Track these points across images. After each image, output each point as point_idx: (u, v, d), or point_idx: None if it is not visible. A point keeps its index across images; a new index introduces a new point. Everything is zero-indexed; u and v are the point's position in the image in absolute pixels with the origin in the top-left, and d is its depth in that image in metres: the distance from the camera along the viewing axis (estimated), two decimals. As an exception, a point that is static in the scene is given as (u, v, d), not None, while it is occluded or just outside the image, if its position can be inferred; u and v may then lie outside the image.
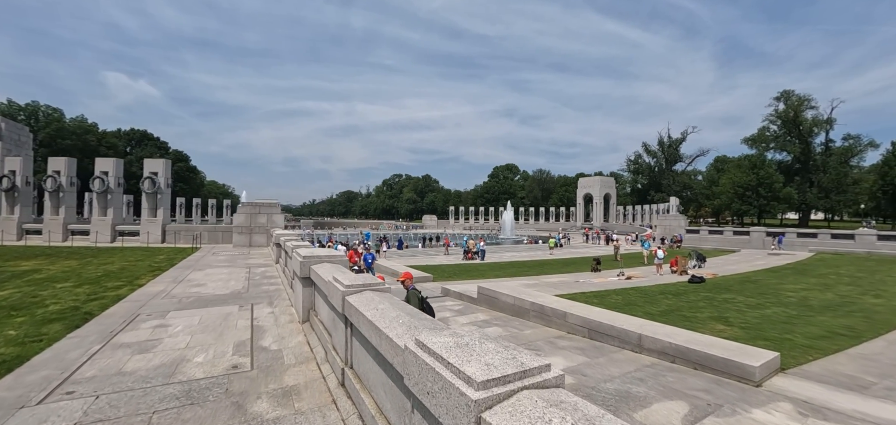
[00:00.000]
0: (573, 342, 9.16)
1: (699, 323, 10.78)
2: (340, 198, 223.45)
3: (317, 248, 10.97)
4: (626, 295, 14.69)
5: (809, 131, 73.93)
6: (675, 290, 15.56)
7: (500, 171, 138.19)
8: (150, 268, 15.94)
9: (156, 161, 30.32)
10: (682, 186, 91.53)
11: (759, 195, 65.28)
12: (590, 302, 12.48)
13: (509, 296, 12.03)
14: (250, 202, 28.25)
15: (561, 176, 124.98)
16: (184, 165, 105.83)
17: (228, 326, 8.26)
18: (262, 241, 27.22)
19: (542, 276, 21.54)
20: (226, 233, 28.71)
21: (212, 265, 17.54)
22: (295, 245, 11.00)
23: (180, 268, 16.55)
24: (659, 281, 19.02)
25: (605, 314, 9.85)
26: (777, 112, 78.13)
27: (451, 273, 21.78)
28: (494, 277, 20.67)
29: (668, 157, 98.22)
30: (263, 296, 11.23)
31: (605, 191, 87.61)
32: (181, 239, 27.44)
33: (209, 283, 13.05)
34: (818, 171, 71.60)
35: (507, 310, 11.93)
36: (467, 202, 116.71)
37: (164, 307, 10.18)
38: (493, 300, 12.54)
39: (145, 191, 28.16)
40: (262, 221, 27.53)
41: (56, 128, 76.66)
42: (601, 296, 14.29)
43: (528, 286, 16.37)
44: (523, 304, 11.46)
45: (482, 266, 25.62)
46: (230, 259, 19.78)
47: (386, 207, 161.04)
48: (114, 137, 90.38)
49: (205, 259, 19.60)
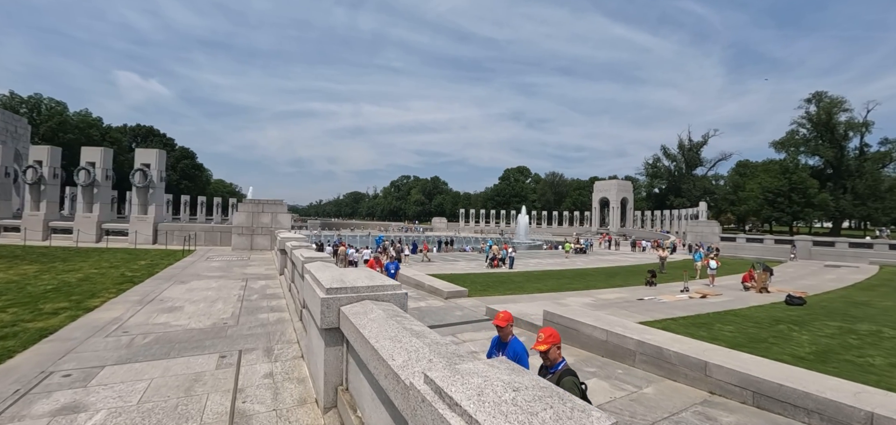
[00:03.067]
0: (733, 415, 5.91)
1: None
2: (347, 199, 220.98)
3: (338, 267, 7.85)
4: (733, 322, 11.39)
5: (844, 135, 69.98)
6: (788, 317, 12.23)
7: (510, 174, 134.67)
8: (119, 280, 12.86)
9: (148, 151, 27.04)
10: (703, 191, 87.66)
11: (792, 201, 61.37)
12: (696, 335, 9.23)
13: (598, 327, 8.80)
14: (253, 200, 25.14)
15: (574, 179, 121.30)
16: (189, 162, 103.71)
17: (192, 410, 4.74)
18: (265, 244, 24.10)
19: (592, 291, 18.27)
20: (224, 234, 25.56)
21: (200, 275, 14.39)
22: (307, 258, 7.57)
23: (159, 279, 13.35)
24: (743, 300, 15.65)
25: (771, 368, 6.58)
26: (808, 114, 74.24)
27: (483, 285, 18.57)
28: (536, 291, 17.45)
29: (689, 161, 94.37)
30: (259, 334, 7.81)
31: (622, 195, 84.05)
32: (174, 239, 24.27)
33: (187, 307, 9.70)
34: (852, 177, 67.56)
35: (596, 349, 8.69)
36: (477, 204, 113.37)
37: (99, 356, 6.52)
38: (572, 332, 9.30)
39: (136, 184, 24.85)
40: (265, 221, 24.42)
41: (58, 121, 74.58)
42: (700, 325, 11.01)
43: (594, 307, 13.12)
44: (624, 342, 8.22)
45: (515, 276, 22.37)
46: (225, 266, 16.61)
47: (393, 209, 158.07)
48: (118, 132, 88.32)
49: (194, 266, 16.42)
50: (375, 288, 3.88)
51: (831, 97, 70.91)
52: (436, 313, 12.10)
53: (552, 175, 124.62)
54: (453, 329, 10.37)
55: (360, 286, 3.82)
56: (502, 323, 4.51)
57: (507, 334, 4.56)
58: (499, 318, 4.54)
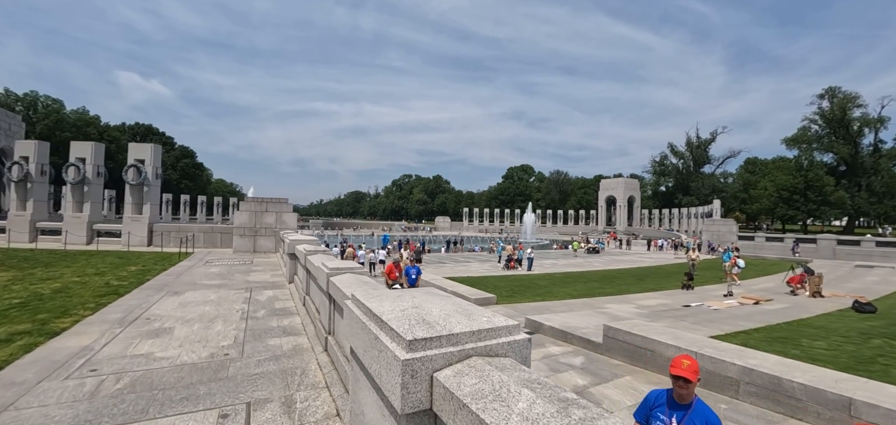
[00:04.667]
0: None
1: None
2: (348, 199, 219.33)
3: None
4: (817, 336, 9.77)
5: (858, 131, 68.24)
6: (873, 329, 10.65)
7: (514, 172, 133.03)
8: (102, 291, 10.97)
9: (142, 146, 25.27)
10: (712, 189, 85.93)
11: (808, 199, 59.68)
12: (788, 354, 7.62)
13: (682, 350, 7.18)
14: (255, 198, 23.44)
15: (579, 177, 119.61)
16: (190, 162, 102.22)
17: None
18: (269, 246, 22.44)
19: (629, 296, 16.71)
20: (225, 236, 23.82)
21: (197, 283, 12.56)
22: (332, 269, 5.76)
23: (149, 289, 11.44)
24: (804, 307, 14.03)
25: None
26: (821, 110, 72.48)
27: (507, 290, 16.99)
28: (567, 297, 15.87)
29: (697, 159, 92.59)
30: (272, 373, 5.76)
31: (629, 193, 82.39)
32: (171, 241, 22.47)
33: (178, 329, 7.74)
34: (868, 174, 65.84)
35: (683, 377, 7.06)
36: (481, 203, 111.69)
37: (44, 419, 4.23)
38: (645, 353, 7.71)
39: (129, 182, 23.09)
40: (269, 221, 22.76)
41: (55, 119, 72.98)
42: (782, 339, 9.40)
43: (646, 317, 11.51)
44: (722, 368, 6.62)
45: (538, 279, 20.79)
46: (225, 272, 14.94)
47: (395, 208, 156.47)
48: (116, 131, 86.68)
49: (191, 272, 14.73)
50: (482, 333, 2.28)
51: (845, 93, 69.15)
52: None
53: (557, 173, 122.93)
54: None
55: (457, 332, 2.22)
56: (691, 376, 2.87)
57: (692, 392, 2.95)
58: (683, 367, 2.89)
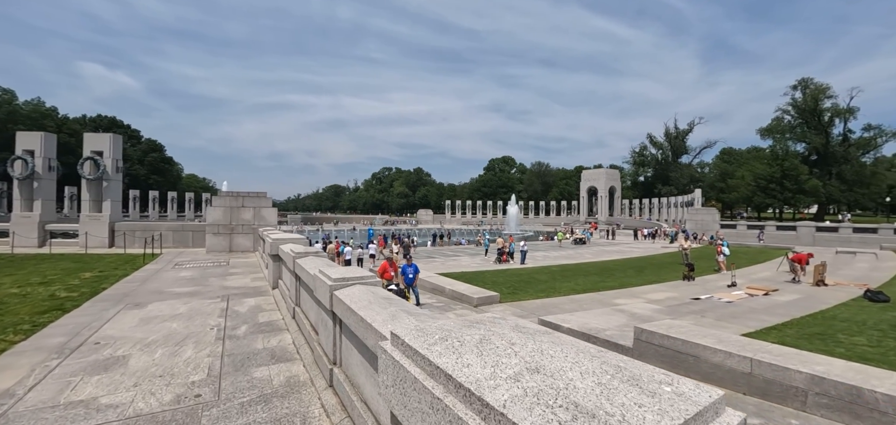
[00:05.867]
0: None
1: None
2: (327, 193, 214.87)
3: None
4: (852, 331, 9.10)
5: (830, 122, 70.37)
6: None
7: (496, 164, 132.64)
8: (45, 306, 8.96)
9: (100, 136, 22.57)
10: (690, 179, 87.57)
11: (785, 187, 61.21)
12: (832, 351, 6.84)
13: (733, 355, 6.29)
14: (231, 192, 21.59)
15: (560, 168, 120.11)
16: (158, 156, 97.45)
17: None
18: (247, 245, 20.72)
19: (633, 290, 15.96)
20: (197, 234, 21.84)
21: (164, 292, 10.74)
22: (336, 280, 4.50)
23: (104, 301, 9.52)
24: (818, 298, 13.53)
25: None
26: (794, 101, 74.40)
27: (507, 286, 15.97)
28: (571, 292, 15.01)
29: (675, 149, 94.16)
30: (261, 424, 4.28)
31: (610, 183, 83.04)
32: (136, 241, 20.35)
33: (135, 358, 5.97)
34: (838, 163, 68.04)
35: (733, 384, 6.21)
36: (463, 196, 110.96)
37: None
38: (687, 359, 6.79)
39: (85, 176, 20.68)
40: (246, 217, 20.99)
41: (7, 111, 67.79)
42: (818, 336, 8.67)
43: (663, 314, 10.68)
44: (786, 377, 5.73)
45: (535, 273, 19.86)
46: (198, 276, 13.22)
47: (376, 201, 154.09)
48: (76, 123, 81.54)
49: (158, 277, 13.10)
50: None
51: (817, 84, 71.12)
52: (477, 331, 9.41)
53: (538, 164, 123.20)
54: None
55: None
56: None
57: None
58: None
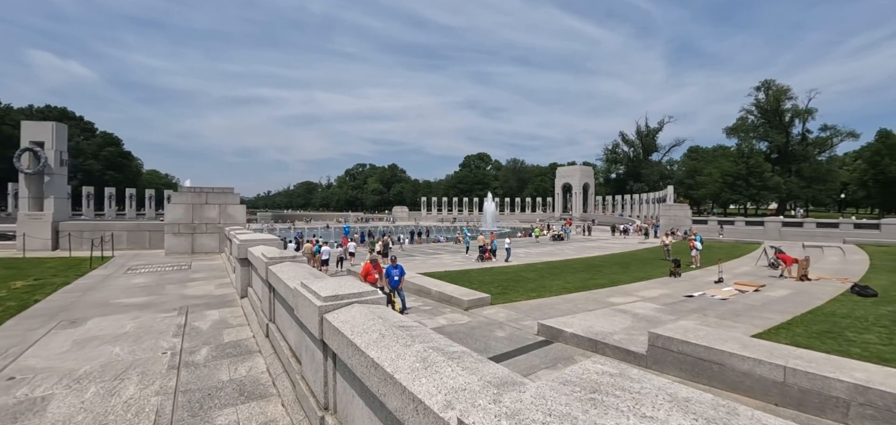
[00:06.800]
0: None
1: None
2: (299, 189, 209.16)
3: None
4: (860, 329, 8.80)
5: (790, 121, 73.64)
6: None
7: (471, 160, 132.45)
8: None
9: (40, 125, 20.13)
10: (660, 176, 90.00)
11: (750, 184, 63.58)
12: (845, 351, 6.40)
13: (763, 362, 5.69)
14: (194, 188, 19.78)
15: (535, 166, 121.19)
16: (115, 150, 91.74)
17: None
18: (212, 245, 19.02)
19: (623, 287, 15.56)
20: (156, 234, 19.82)
21: (110, 303, 9.07)
22: (326, 303, 3.30)
23: (34, 317, 8.00)
24: (809, 293, 13.44)
25: None
26: (757, 102, 77.47)
27: (495, 285, 15.22)
28: (562, 291, 14.43)
29: (646, 147, 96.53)
30: None
31: (584, 180, 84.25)
32: (84, 242, 18.23)
33: (57, 401, 4.58)
34: (798, 161, 71.34)
35: (763, 394, 5.61)
36: (439, 192, 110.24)
37: None
38: (711, 367, 6.17)
39: (23, 170, 18.28)
40: (211, 215, 19.25)
41: (-62, 101, 61.71)
42: (828, 335, 8.30)
43: (665, 313, 10.15)
44: (825, 386, 5.16)
45: (523, 272, 19.24)
46: (154, 283, 11.68)
47: (349, 199, 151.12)
48: (21, 114, 75.35)
49: (105, 285, 11.41)
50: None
51: (779, 85, 74.23)
52: (472, 337, 8.57)
53: (514, 161, 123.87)
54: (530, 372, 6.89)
55: None
56: None
57: None
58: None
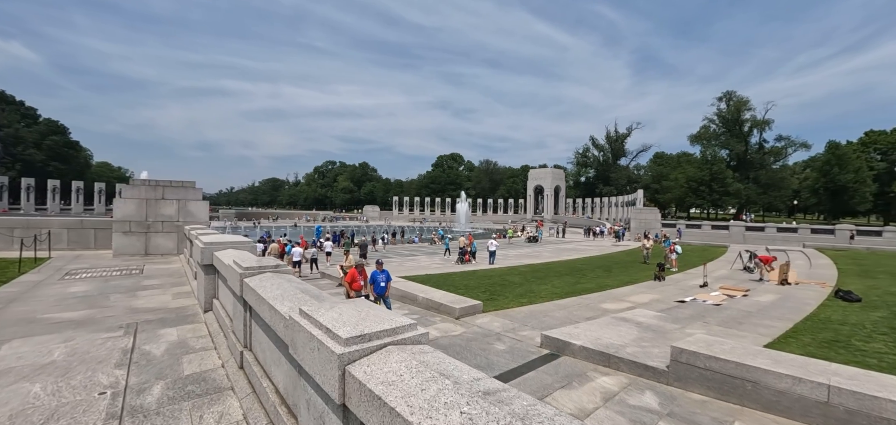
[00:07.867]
0: None
1: None
2: (264, 187, 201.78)
3: None
4: (868, 337, 8.57)
5: (750, 131, 77.47)
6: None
7: (444, 161, 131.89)
8: None
9: None
10: (628, 180, 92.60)
11: (713, 189, 66.23)
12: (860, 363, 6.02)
13: (803, 380, 5.11)
14: (148, 181, 17.76)
15: (507, 167, 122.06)
16: (60, 139, 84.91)
17: None
18: (169, 246, 17.14)
19: (612, 291, 15.15)
20: (103, 233, 17.49)
21: (37, 320, 7.40)
22: (347, 350, 2.19)
23: None
24: (797, 298, 13.43)
25: None
26: (719, 111, 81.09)
27: (482, 291, 14.45)
28: (552, 297, 13.82)
29: (615, 151, 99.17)
30: None
31: (556, 183, 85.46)
32: (14, 242, 15.73)
33: None
34: (755, 168, 75.16)
35: (802, 415, 5.02)
36: (411, 192, 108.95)
37: None
38: (744, 385, 5.56)
39: None
40: (168, 212, 17.32)
41: None
42: (835, 344, 7.98)
43: (663, 320, 9.67)
44: (876, 407, 4.61)
45: (508, 275, 18.56)
46: (95, 292, 10.10)
47: (318, 197, 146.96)
48: (-51, 98, 68.28)
49: (34, 295, 9.68)
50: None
51: (739, 97, 78.03)
52: (470, 351, 7.69)
53: (486, 162, 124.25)
54: (544, 398, 6.04)
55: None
56: None
57: None
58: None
